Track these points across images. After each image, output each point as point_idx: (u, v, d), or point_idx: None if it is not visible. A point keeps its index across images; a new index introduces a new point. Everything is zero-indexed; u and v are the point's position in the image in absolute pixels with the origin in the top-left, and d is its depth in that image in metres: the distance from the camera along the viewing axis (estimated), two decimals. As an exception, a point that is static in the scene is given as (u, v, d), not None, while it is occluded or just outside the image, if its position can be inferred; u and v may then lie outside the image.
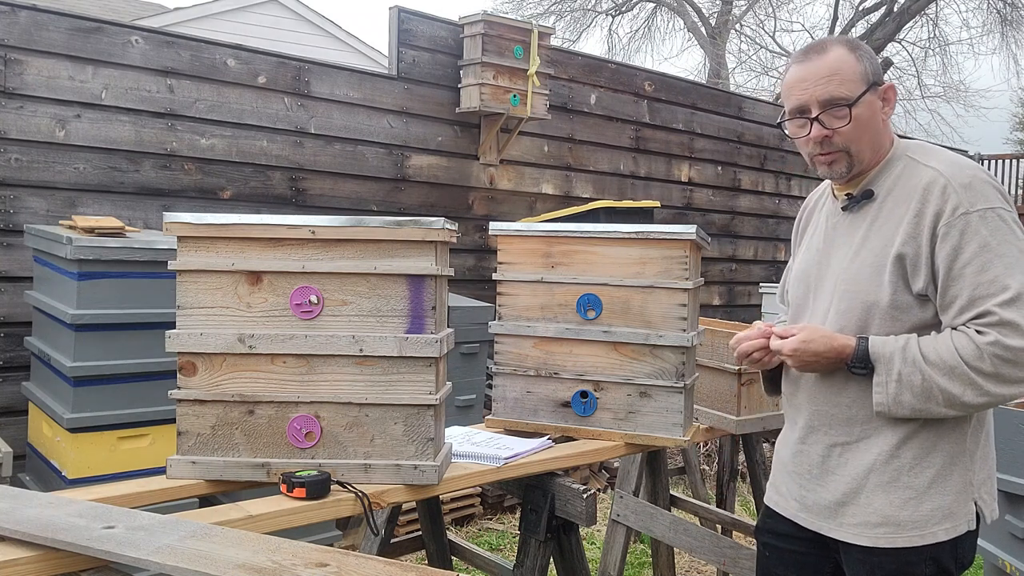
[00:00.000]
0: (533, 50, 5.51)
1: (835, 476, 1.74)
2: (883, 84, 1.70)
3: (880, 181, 1.71)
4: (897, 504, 1.66)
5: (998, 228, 1.57)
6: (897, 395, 1.61)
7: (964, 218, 1.57)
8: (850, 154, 1.70)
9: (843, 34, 14.15)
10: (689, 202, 7.36)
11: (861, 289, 1.68)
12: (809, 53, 1.71)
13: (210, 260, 1.88)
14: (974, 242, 1.56)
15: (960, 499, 1.66)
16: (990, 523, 1.71)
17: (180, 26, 9.21)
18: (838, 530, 1.73)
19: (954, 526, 1.65)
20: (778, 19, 16.34)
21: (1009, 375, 1.55)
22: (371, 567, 1.40)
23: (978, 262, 1.56)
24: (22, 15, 4.05)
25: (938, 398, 1.58)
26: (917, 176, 1.65)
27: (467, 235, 5.70)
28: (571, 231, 2.39)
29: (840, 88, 1.66)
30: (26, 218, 4.02)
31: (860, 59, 1.67)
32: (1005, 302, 1.54)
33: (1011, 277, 1.55)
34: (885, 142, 1.72)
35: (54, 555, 1.48)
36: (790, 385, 1.86)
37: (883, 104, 1.70)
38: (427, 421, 1.89)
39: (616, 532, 3.05)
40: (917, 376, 1.59)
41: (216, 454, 1.90)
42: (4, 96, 4.01)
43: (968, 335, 1.56)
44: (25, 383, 3.63)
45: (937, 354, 1.58)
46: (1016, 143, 22.32)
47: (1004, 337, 1.53)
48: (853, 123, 1.66)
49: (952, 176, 1.61)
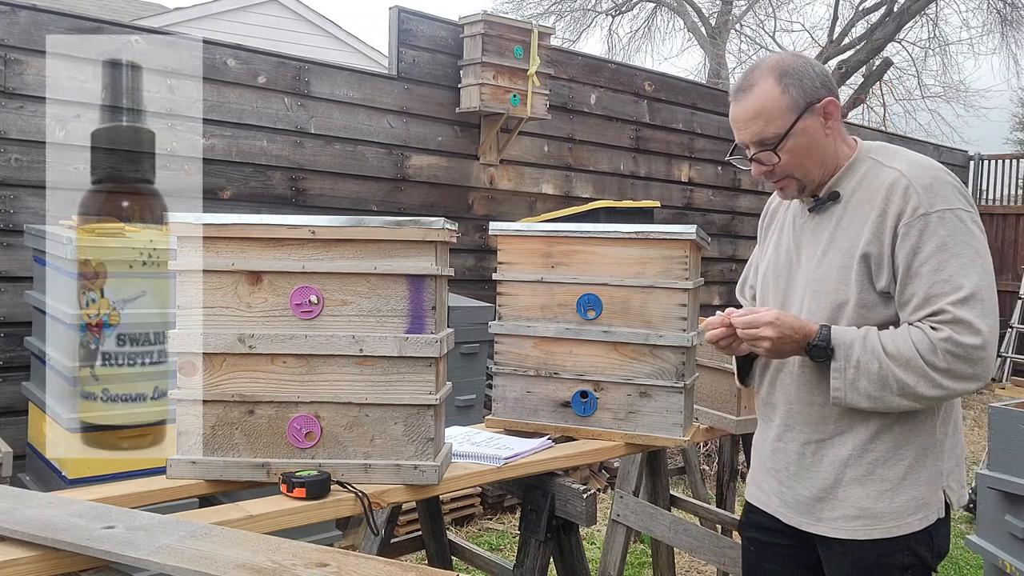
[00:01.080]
0: (533, 50, 5.51)
1: (812, 472, 1.78)
2: (820, 100, 1.69)
3: (845, 183, 1.75)
4: (873, 497, 1.71)
5: (956, 229, 1.61)
6: (854, 381, 1.65)
7: (923, 219, 1.62)
8: (797, 177, 1.75)
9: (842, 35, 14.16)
10: (689, 202, 7.35)
11: (830, 289, 1.73)
12: (738, 92, 1.74)
13: (210, 260, 1.88)
14: (932, 242, 1.61)
15: (932, 489, 1.71)
16: (957, 509, 1.77)
17: (180, 26, 9.21)
18: (816, 525, 1.77)
19: (927, 515, 1.71)
20: (778, 19, 16.34)
21: (961, 371, 1.60)
22: (371, 567, 1.40)
23: (934, 261, 1.61)
24: (22, 15, 4.05)
25: (893, 387, 1.62)
26: (881, 177, 1.69)
27: (467, 235, 5.70)
28: (571, 231, 2.39)
29: (767, 128, 1.69)
30: (26, 218, 4.01)
31: (787, 89, 1.68)
32: (958, 301, 1.59)
33: (965, 277, 1.60)
34: (839, 151, 1.76)
35: (54, 555, 1.48)
36: (766, 385, 1.90)
37: (826, 119, 1.71)
38: (427, 421, 1.90)
39: (616, 532, 3.05)
40: (875, 364, 1.63)
41: (216, 454, 1.90)
42: (4, 96, 4.01)
43: (924, 331, 1.61)
44: (25, 383, 3.63)
45: (895, 346, 1.62)
46: (1016, 143, 22.31)
47: (956, 334, 1.58)
48: (787, 155, 1.70)
49: (914, 177, 1.65)
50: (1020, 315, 8.86)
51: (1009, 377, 8.75)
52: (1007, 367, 8.85)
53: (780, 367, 1.84)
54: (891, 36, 13.17)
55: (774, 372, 1.86)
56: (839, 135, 1.76)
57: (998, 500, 3.13)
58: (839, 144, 1.76)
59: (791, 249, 1.84)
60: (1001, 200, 10.94)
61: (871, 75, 13.56)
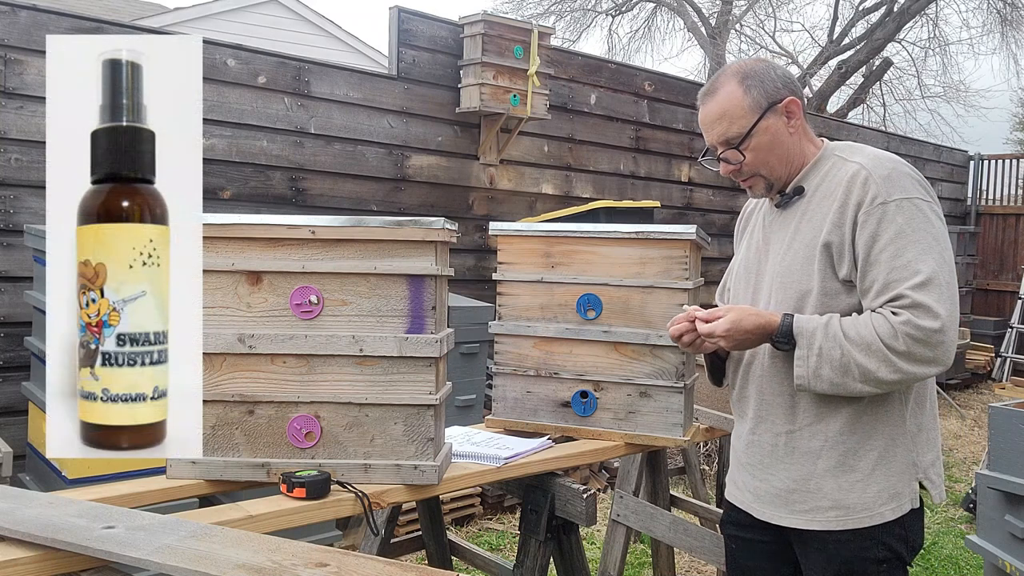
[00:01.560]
0: (533, 50, 5.51)
1: (784, 464, 1.81)
2: (783, 100, 1.77)
3: (810, 179, 1.81)
4: (846, 488, 1.74)
5: (913, 216, 1.66)
6: (817, 368, 1.68)
7: (882, 207, 1.66)
8: (762, 175, 1.82)
9: (842, 35, 14.16)
10: (689, 202, 7.36)
11: (794, 279, 1.77)
12: (704, 96, 1.83)
13: (210, 260, 1.88)
14: (890, 229, 1.65)
15: (904, 479, 1.74)
16: (938, 503, 1.80)
17: (180, 26, 9.22)
18: (790, 518, 1.80)
19: (900, 505, 1.73)
20: (778, 19, 16.33)
21: (920, 354, 1.62)
22: (371, 567, 1.40)
23: (893, 248, 1.65)
24: (22, 15, 4.05)
25: (855, 373, 1.65)
26: (843, 171, 1.74)
27: (467, 235, 5.70)
28: (571, 231, 2.39)
29: (731, 128, 1.78)
30: (26, 218, 4.02)
31: (748, 90, 1.76)
32: (917, 285, 1.62)
33: (923, 262, 1.63)
34: (804, 149, 1.82)
35: (54, 555, 1.48)
36: (739, 379, 1.93)
37: (788, 118, 1.79)
38: (427, 421, 1.90)
39: (616, 532, 3.05)
40: (837, 351, 1.66)
41: (216, 454, 1.90)
42: (4, 96, 4.01)
43: (884, 316, 1.64)
44: (25, 383, 3.63)
45: (856, 331, 1.65)
46: (1016, 143, 22.30)
47: (916, 318, 1.61)
48: (752, 153, 1.78)
49: (873, 168, 1.70)
50: (1020, 315, 8.86)
51: (1009, 377, 8.75)
52: (1007, 367, 8.85)
53: (751, 360, 1.88)
54: (891, 36, 13.17)
55: (746, 366, 1.90)
56: (804, 134, 1.82)
57: (998, 500, 3.13)
58: (804, 143, 1.82)
59: (760, 246, 1.90)
60: (1001, 200, 10.94)
61: (871, 75, 13.57)
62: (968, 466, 5.85)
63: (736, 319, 1.74)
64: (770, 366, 1.82)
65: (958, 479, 5.55)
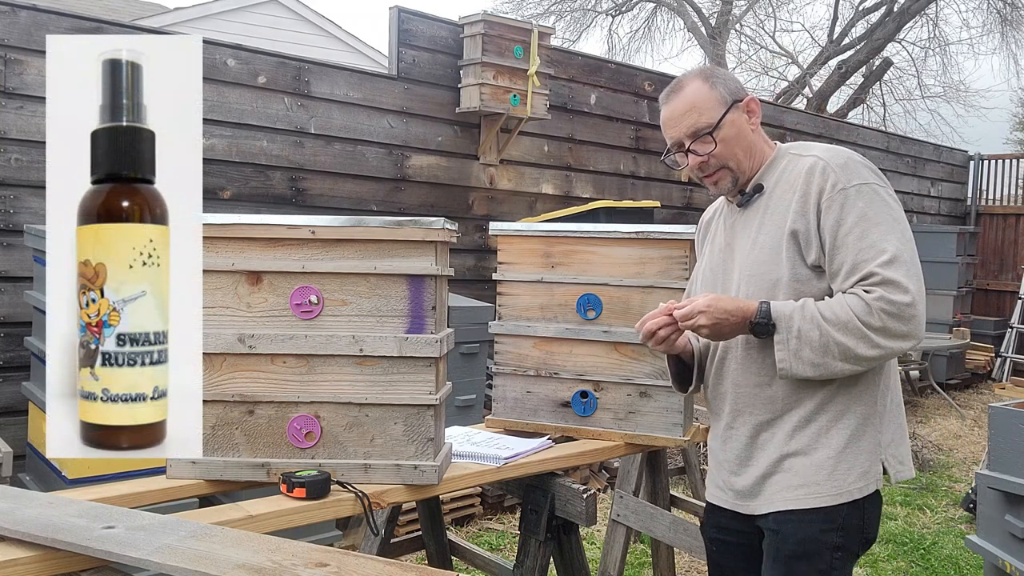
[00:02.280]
0: (533, 50, 5.51)
1: (760, 453, 1.83)
2: (743, 99, 1.86)
3: (768, 176, 1.87)
4: (817, 464, 1.76)
5: (872, 200, 1.72)
6: (798, 351, 1.71)
7: (843, 192, 1.73)
8: (730, 168, 1.87)
9: (842, 35, 14.16)
10: (689, 202, 7.36)
11: (764, 270, 1.81)
12: (670, 94, 1.93)
13: (210, 260, 1.88)
14: (853, 213, 1.71)
15: (871, 459, 1.78)
16: (895, 483, 1.83)
17: (180, 26, 9.22)
18: (764, 504, 1.81)
19: (866, 484, 1.77)
20: (778, 19, 16.33)
21: (895, 329, 1.67)
22: (371, 567, 1.40)
23: (857, 231, 1.71)
24: (22, 15, 4.05)
25: (834, 352, 1.69)
26: (800, 165, 1.81)
27: (467, 235, 5.70)
28: (571, 231, 2.39)
29: (701, 119, 1.85)
30: (26, 218, 4.02)
31: (714, 86, 1.85)
32: (884, 262, 1.68)
33: (887, 242, 1.69)
34: (762, 147, 1.89)
35: (54, 555, 1.48)
36: (712, 376, 1.94)
37: (749, 116, 1.87)
38: (427, 421, 1.90)
39: (616, 532, 3.05)
40: (815, 332, 1.69)
41: (216, 454, 1.90)
42: (4, 96, 4.01)
43: (858, 294, 1.69)
44: (25, 383, 3.63)
45: (832, 311, 1.69)
46: (1016, 143, 22.29)
47: (888, 293, 1.66)
48: (721, 144, 1.84)
49: (829, 159, 1.77)
50: (1020, 315, 8.86)
51: (1009, 377, 8.75)
52: (1007, 367, 8.86)
53: (724, 355, 1.89)
54: (891, 36, 13.17)
55: (719, 361, 1.91)
56: (760, 135, 1.90)
57: (998, 500, 3.13)
58: (762, 142, 1.89)
59: (724, 247, 1.93)
60: (1001, 200, 10.94)
61: (871, 75, 13.57)
62: (968, 466, 5.85)
63: (715, 297, 1.79)
64: (744, 358, 1.84)
65: (958, 479, 5.55)
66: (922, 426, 6.89)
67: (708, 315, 1.78)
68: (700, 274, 2.02)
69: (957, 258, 8.75)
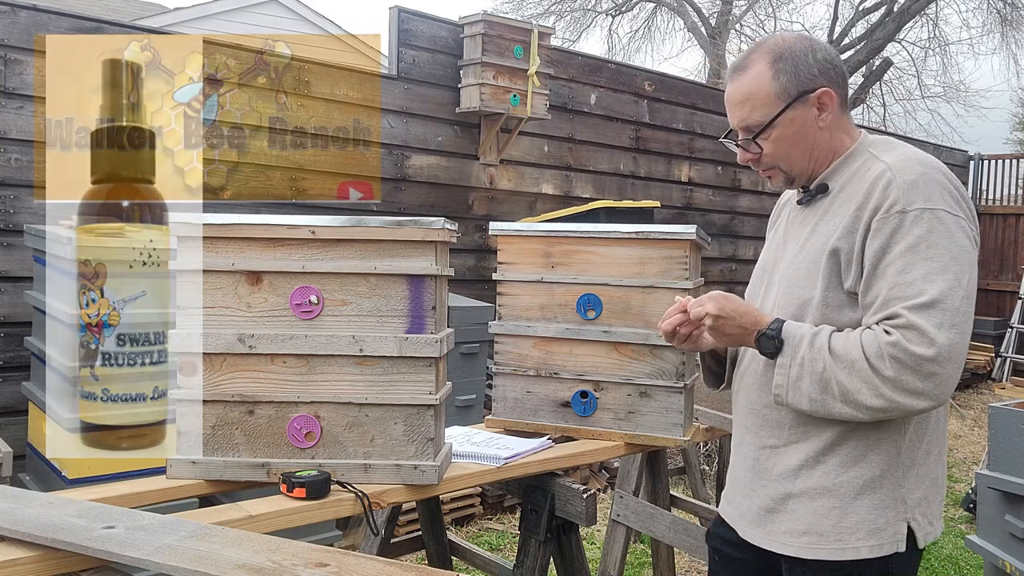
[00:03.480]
0: (533, 50, 5.51)
1: (763, 481, 1.69)
2: (815, 91, 1.61)
3: (837, 176, 1.66)
4: (821, 513, 1.60)
5: (932, 230, 1.49)
6: (797, 379, 1.55)
7: (899, 216, 1.50)
8: (782, 169, 1.68)
9: (842, 35, 14.15)
10: (689, 202, 7.35)
11: (798, 283, 1.64)
12: (733, 72, 1.68)
13: (210, 260, 1.88)
14: (903, 242, 1.49)
15: (889, 516, 1.57)
16: (923, 547, 1.61)
17: (180, 26, 9.21)
18: (766, 539, 1.68)
19: (879, 544, 1.57)
20: (778, 19, 16.33)
21: (908, 383, 1.46)
22: (371, 567, 1.40)
23: (901, 262, 1.49)
24: (22, 15, 4.05)
25: (835, 391, 1.51)
26: (871, 171, 1.59)
27: (467, 235, 5.70)
28: (571, 231, 2.39)
29: (753, 114, 1.63)
30: (26, 218, 4.01)
31: (777, 75, 1.61)
32: (917, 306, 1.46)
33: (930, 283, 1.46)
34: (835, 143, 1.67)
35: (54, 555, 1.48)
36: (735, 385, 1.82)
37: (819, 111, 1.63)
38: (427, 421, 1.89)
39: (616, 532, 3.05)
40: (819, 364, 1.52)
41: (216, 454, 1.90)
42: (4, 96, 4.01)
43: (875, 334, 1.49)
44: (25, 383, 3.63)
45: (843, 347, 1.51)
46: (1016, 143, 22.30)
47: (906, 341, 1.45)
48: (773, 144, 1.64)
49: (899, 171, 1.54)
50: (1020, 315, 8.86)
51: (1009, 377, 8.75)
52: (1007, 367, 8.85)
53: (746, 367, 1.75)
54: (891, 36, 13.17)
55: (742, 371, 1.78)
56: (839, 126, 1.67)
57: (998, 500, 3.13)
58: (837, 135, 1.67)
59: (780, 243, 1.77)
60: (1001, 200, 10.94)
61: (871, 75, 13.57)
62: (968, 466, 5.85)
63: (724, 294, 1.64)
64: (762, 375, 1.69)
65: (958, 479, 5.55)
66: (922, 426, 6.88)
67: (715, 306, 1.61)
68: (759, 264, 1.86)
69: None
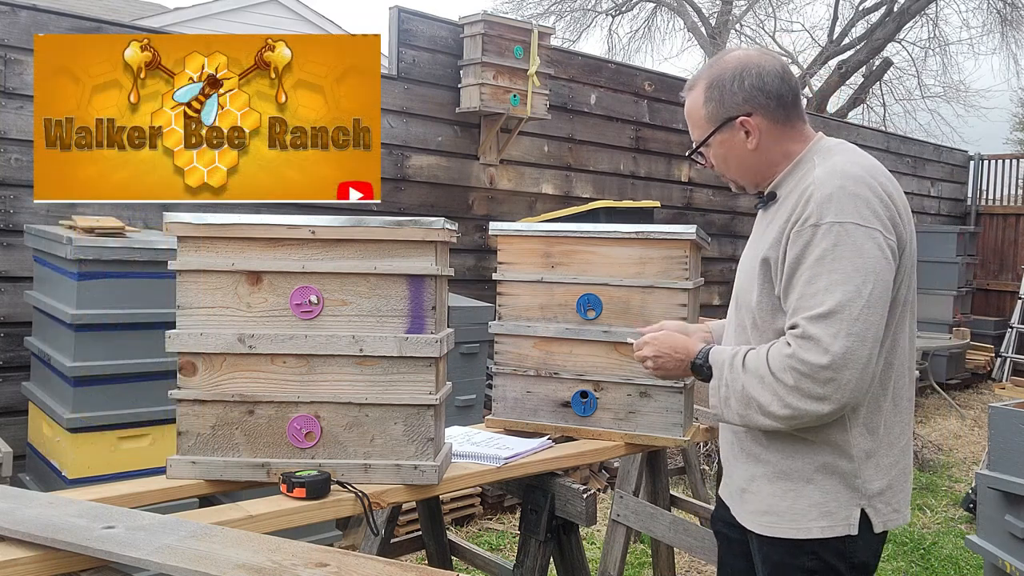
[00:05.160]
0: (533, 50, 5.51)
1: (739, 462, 1.80)
2: (736, 119, 1.70)
3: (785, 183, 1.73)
4: (778, 494, 1.70)
5: (839, 243, 1.54)
6: (726, 399, 1.67)
7: (812, 229, 1.57)
8: (731, 179, 1.83)
9: (842, 35, 14.15)
10: (689, 202, 7.36)
11: (743, 290, 1.76)
12: (685, 91, 1.82)
13: (210, 260, 1.88)
14: (812, 254, 1.56)
15: (840, 501, 1.65)
16: (880, 532, 1.68)
17: (180, 26, 9.22)
18: (742, 515, 1.80)
19: (831, 526, 1.65)
20: (778, 19, 16.35)
21: (810, 390, 1.54)
22: (371, 567, 1.40)
23: (808, 274, 1.56)
24: (22, 15, 4.05)
25: (754, 406, 1.62)
26: (804, 182, 1.65)
27: (467, 235, 5.70)
28: (571, 231, 2.39)
29: (694, 131, 1.80)
30: (26, 218, 4.02)
31: (707, 102, 1.73)
32: (815, 316, 1.53)
33: (830, 293, 1.53)
34: (776, 157, 1.73)
35: (54, 555, 1.48)
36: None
37: (748, 135, 1.71)
38: (427, 421, 1.90)
39: (616, 532, 3.05)
40: (738, 383, 1.64)
41: (216, 454, 1.90)
42: (4, 96, 4.01)
43: (779, 347, 1.59)
44: (25, 383, 3.63)
45: (754, 363, 1.62)
46: (1016, 143, 22.31)
47: (802, 351, 1.53)
48: (714, 159, 1.80)
49: (820, 185, 1.60)
50: (1020, 315, 8.86)
51: (1009, 377, 8.75)
52: (1007, 367, 8.85)
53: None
54: (891, 36, 13.17)
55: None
56: (782, 139, 1.72)
57: (998, 500, 3.13)
58: (781, 147, 1.73)
59: (750, 242, 1.87)
60: (1001, 200, 10.94)
61: (871, 75, 13.57)
62: (968, 466, 5.85)
63: (666, 333, 1.82)
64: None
65: (958, 479, 5.55)
66: (922, 426, 6.89)
67: (651, 349, 1.81)
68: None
69: (957, 258, 8.75)
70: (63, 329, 3.16)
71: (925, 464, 5.74)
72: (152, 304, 3.15)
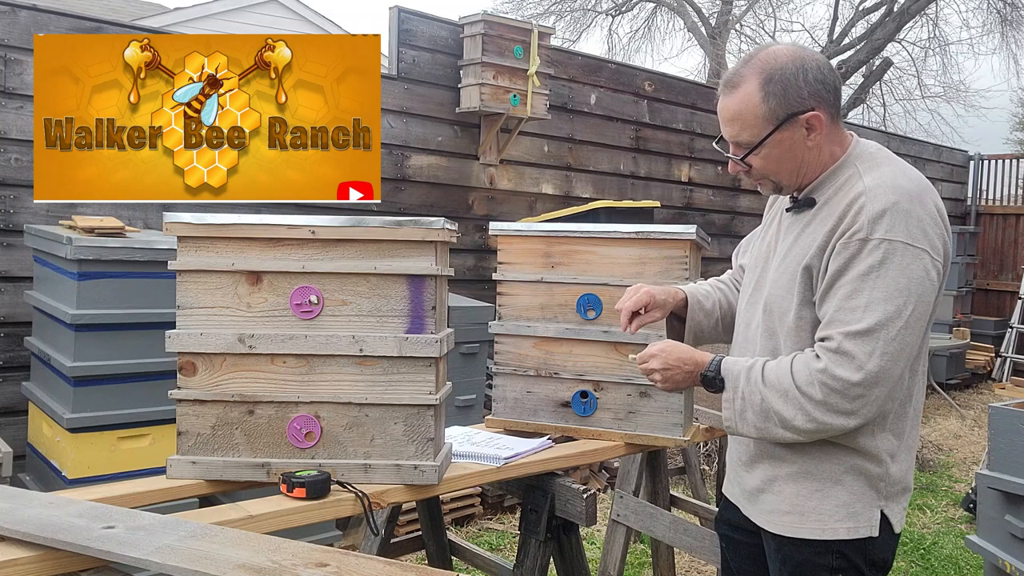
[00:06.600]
0: (533, 50, 5.51)
1: (757, 463, 1.78)
2: (804, 113, 1.61)
3: (823, 189, 1.68)
4: (804, 494, 1.68)
5: (887, 260, 1.52)
6: (742, 411, 1.65)
7: (860, 243, 1.54)
8: (771, 180, 1.71)
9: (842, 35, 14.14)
10: (689, 202, 7.36)
11: (777, 297, 1.70)
12: (724, 87, 1.68)
13: (210, 260, 1.88)
14: (856, 268, 1.54)
15: (865, 502, 1.66)
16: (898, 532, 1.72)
17: (180, 26, 9.21)
18: (757, 516, 1.78)
19: (855, 527, 1.65)
20: (778, 19, 16.31)
21: (838, 405, 1.54)
22: (371, 567, 1.40)
23: (850, 287, 1.54)
24: (22, 15, 4.05)
25: (774, 419, 1.60)
26: (852, 191, 1.61)
27: (467, 235, 5.70)
28: (571, 231, 2.39)
29: (742, 133, 1.65)
30: (26, 218, 4.02)
31: (767, 98, 1.61)
32: (852, 333, 1.52)
33: (871, 311, 1.52)
34: (824, 157, 1.68)
35: (54, 555, 1.48)
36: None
37: (808, 132, 1.64)
38: (427, 421, 1.89)
39: (616, 532, 3.05)
40: (757, 396, 1.62)
41: (216, 454, 1.90)
42: (4, 96, 4.01)
43: (806, 360, 1.57)
44: (25, 383, 3.63)
45: (775, 376, 1.60)
46: (1016, 143, 22.29)
47: (834, 366, 1.53)
48: (762, 160, 1.67)
49: (872, 198, 1.56)
50: (1020, 315, 8.86)
51: (1009, 377, 8.75)
52: (1007, 367, 8.85)
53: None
54: (891, 36, 13.16)
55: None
56: (829, 140, 1.68)
57: (998, 500, 3.13)
58: (827, 149, 1.68)
59: (771, 244, 1.80)
60: (1001, 200, 10.94)
61: (871, 75, 13.56)
62: (968, 466, 5.85)
63: (671, 344, 1.76)
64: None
65: (958, 479, 5.55)
66: (922, 426, 6.89)
67: (659, 363, 1.75)
68: (751, 260, 1.90)
69: (957, 258, 8.76)
70: (63, 329, 3.16)
71: (925, 464, 5.74)
72: (152, 304, 3.15)
